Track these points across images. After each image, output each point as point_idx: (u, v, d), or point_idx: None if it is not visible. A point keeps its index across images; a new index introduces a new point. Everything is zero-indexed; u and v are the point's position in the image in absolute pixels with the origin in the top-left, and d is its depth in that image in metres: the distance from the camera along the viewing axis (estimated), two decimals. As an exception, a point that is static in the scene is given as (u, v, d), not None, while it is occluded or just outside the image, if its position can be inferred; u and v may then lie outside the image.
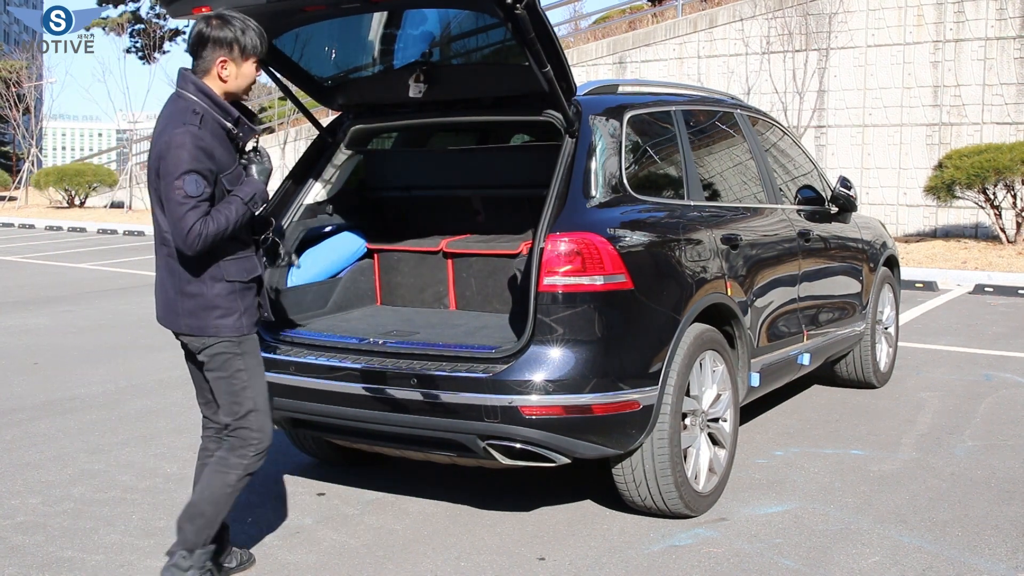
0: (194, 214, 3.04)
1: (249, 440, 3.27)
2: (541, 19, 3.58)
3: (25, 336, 8.31)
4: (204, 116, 3.12)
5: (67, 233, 21.13)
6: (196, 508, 3.27)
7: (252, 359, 3.29)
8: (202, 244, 3.06)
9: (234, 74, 3.20)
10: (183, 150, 3.04)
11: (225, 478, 3.26)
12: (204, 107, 3.14)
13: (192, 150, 3.05)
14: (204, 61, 3.18)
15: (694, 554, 3.69)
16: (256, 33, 3.23)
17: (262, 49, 3.25)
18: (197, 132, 3.07)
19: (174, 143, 3.06)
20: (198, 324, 3.22)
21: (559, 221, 3.67)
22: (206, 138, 3.08)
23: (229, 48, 3.17)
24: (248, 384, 3.27)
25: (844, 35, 15.58)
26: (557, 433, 3.60)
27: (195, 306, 3.20)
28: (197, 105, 3.14)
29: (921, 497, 4.27)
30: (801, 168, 5.87)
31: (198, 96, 3.16)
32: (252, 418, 3.27)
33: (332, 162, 4.66)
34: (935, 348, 7.59)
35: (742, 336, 4.41)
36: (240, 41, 3.18)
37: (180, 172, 3.03)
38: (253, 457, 3.28)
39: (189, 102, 3.14)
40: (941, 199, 13.30)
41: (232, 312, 3.22)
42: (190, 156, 3.04)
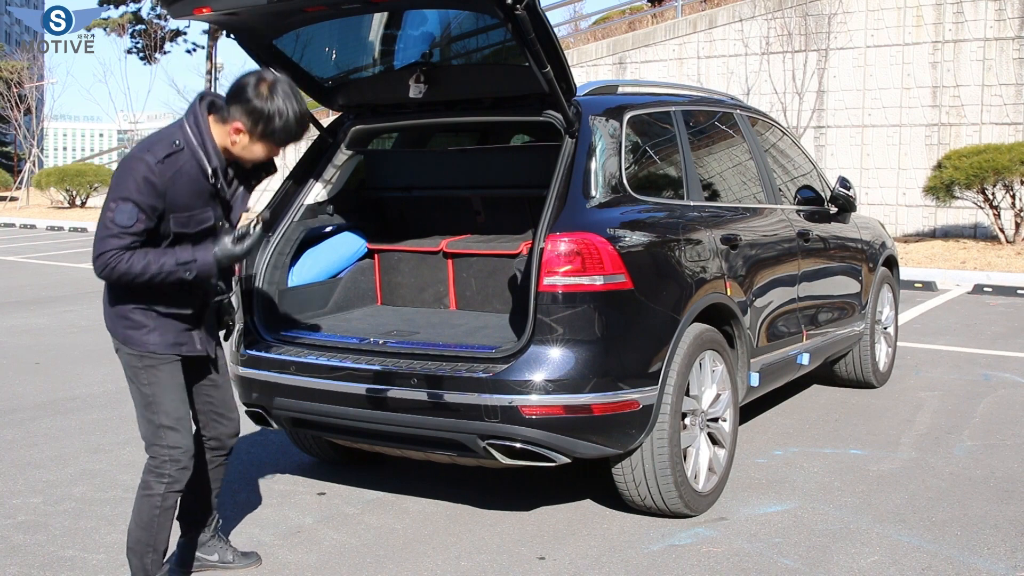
0: (113, 242, 2.88)
1: (162, 457, 3.11)
2: (541, 19, 3.59)
3: (26, 336, 8.32)
4: (183, 151, 2.95)
5: (68, 233, 21.13)
6: (132, 536, 3.16)
7: (158, 375, 3.11)
8: (107, 275, 2.92)
9: (242, 145, 3.02)
10: (131, 177, 2.89)
11: (151, 501, 3.12)
12: (191, 142, 2.97)
13: (140, 181, 2.88)
14: (227, 113, 2.99)
15: (694, 553, 3.70)
16: (294, 123, 2.97)
17: (287, 142, 3.02)
18: (154, 166, 2.89)
19: (128, 166, 2.92)
20: (111, 326, 3.14)
21: (559, 221, 3.68)
22: (163, 174, 2.90)
23: (252, 121, 2.96)
24: (154, 400, 3.11)
25: (843, 36, 15.59)
26: (557, 433, 3.61)
27: (112, 311, 3.10)
28: (184, 137, 2.97)
29: (920, 497, 4.28)
30: (800, 168, 5.88)
31: (193, 131, 2.99)
32: (163, 434, 3.11)
33: (333, 162, 4.67)
34: (934, 348, 7.60)
35: (742, 336, 4.42)
36: (270, 124, 2.95)
37: (119, 196, 2.89)
38: (170, 476, 3.11)
39: (179, 132, 2.98)
40: (940, 199, 13.31)
41: (140, 327, 3.07)
42: (135, 186, 2.87)
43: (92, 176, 26.91)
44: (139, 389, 3.14)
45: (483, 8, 3.83)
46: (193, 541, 3.50)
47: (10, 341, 8.08)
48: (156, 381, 3.12)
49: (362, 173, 4.96)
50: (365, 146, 4.84)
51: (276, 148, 3.06)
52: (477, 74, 4.38)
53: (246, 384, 4.13)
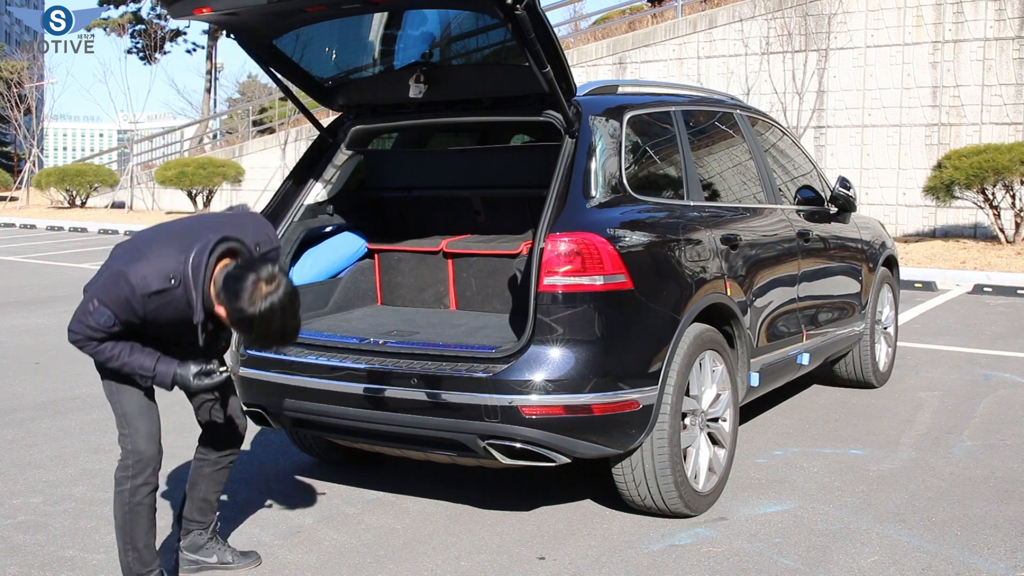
0: (88, 331, 2.99)
1: (127, 448, 3.16)
2: (541, 20, 3.59)
3: (26, 336, 8.32)
4: (177, 288, 2.94)
5: (68, 233, 21.14)
6: (116, 536, 3.20)
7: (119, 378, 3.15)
8: (78, 347, 3.04)
9: (219, 315, 2.96)
10: (116, 291, 2.93)
11: (121, 497, 3.15)
12: (188, 284, 2.94)
13: (122, 301, 2.93)
14: (217, 293, 2.92)
15: (694, 553, 3.70)
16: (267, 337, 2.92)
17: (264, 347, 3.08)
18: (140, 297, 2.92)
19: (116, 279, 2.94)
20: None
21: (559, 221, 3.68)
22: (147, 306, 2.94)
23: (233, 321, 2.90)
24: (116, 391, 3.17)
25: (843, 36, 15.59)
26: (557, 433, 3.61)
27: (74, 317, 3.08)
28: (183, 275, 2.94)
29: (920, 497, 4.28)
30: (800, 168, 5.88)
31: (194, 276, 2.93)
32: (123, 423, 3.17)
33: (333, 162, 4.67)
34: (934, 348, 7.60)
35: (742, 336, 4.42)
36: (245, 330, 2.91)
37: (101, 299, 2.94)
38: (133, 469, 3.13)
39: (181, 268, 2.94)
40: (940, 199, 13.31)
41: None
42: (117, 302, 2.93)
43: (92, 176, 26.93)
44: (105, 384, 3.22)
45: (483, 8, 3.83)
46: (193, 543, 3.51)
47: (10, 341, 8.08)
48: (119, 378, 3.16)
49: (362, 173, 4.96)
50: (365, 146, 4.84)
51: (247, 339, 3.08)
52: (477, 74, 4.38)
53: (246, 384, 4.13)
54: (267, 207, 4.53)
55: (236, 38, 4.12)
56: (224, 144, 29.53)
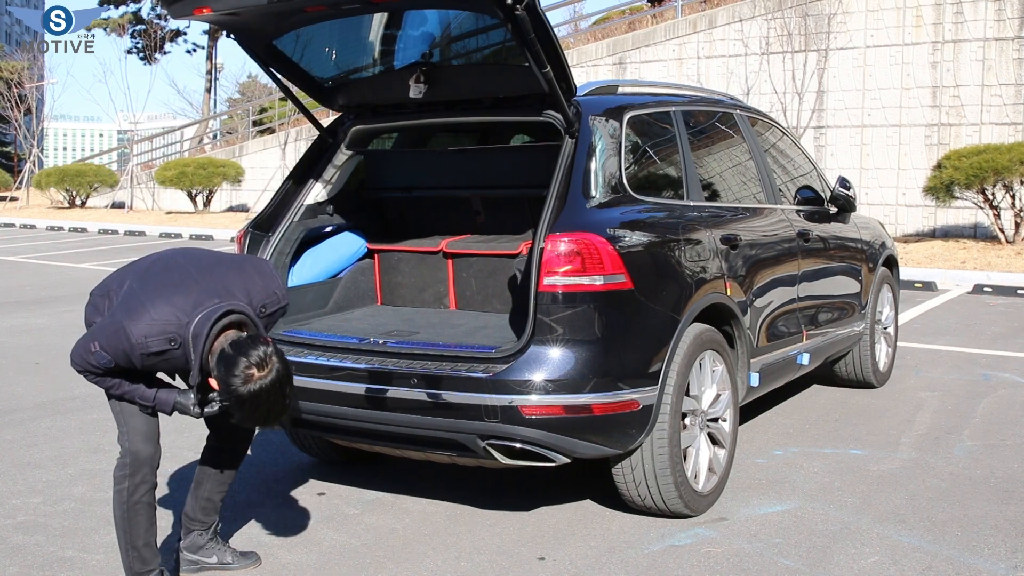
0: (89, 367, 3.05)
1: (123, 452, 3.18)
2: (541, 20, 3.59)
3: (26, 336, 8.32)
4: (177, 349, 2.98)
5: (68, 233, 21.14)
6: (116, 534, 3.21)
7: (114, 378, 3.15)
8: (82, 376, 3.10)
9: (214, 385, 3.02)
10: (117, 341, 2.96)
11: (119, 496, 3.17)
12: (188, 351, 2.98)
13: (123, 354, 2.97)
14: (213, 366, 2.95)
15: (694, 554, 3.70)
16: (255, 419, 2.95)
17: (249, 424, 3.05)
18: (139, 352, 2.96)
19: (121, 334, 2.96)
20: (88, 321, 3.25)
21: (559, 221, 3.68)
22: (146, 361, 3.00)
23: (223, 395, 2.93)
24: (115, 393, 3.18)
25: (843, 36, 15.59)
26: (557, 433, 3.61)
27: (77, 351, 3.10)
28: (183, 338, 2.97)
29: (920, 497, 4.28)
30: (800, 168, 5.88)
31: (192, 346, 2.97)
32: (121, 420, 3.19)
33: (332, 162, 4.67)
34: (934, 348, 7.60)
35: (741, 336, 4.42)
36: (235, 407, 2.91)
37: (102, 345, 2.98)
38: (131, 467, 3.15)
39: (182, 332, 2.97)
40: (940, 199, 13.30)
41: None
42: (117, 351, 2.97)
43: (92, 176, 26.92)
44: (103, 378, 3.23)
45: (483, 8, 3.83)
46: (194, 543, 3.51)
47: (10, 341, 8.08)
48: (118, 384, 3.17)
49: (362, 173, 4.96)
50: (365, 146, 4.84)
51: None
52: (477, 74, 4.38)
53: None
54: (267, 207, 4.53)
55: (236, 38, 4.12)
56: (224, 144, 29.53)
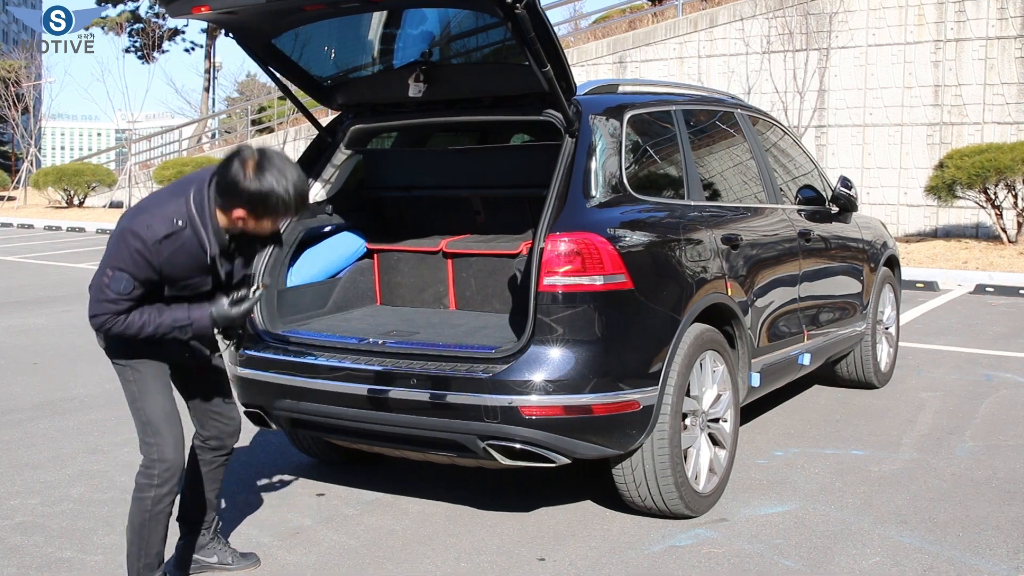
0: (109, 307, 2.92)
1: (152, 457, 3.09)
2: (541, 18, 3.57)
3: (24, 336, 8.30)
4: (184, 230, 2.92)
5: (66, 233, 21.12)
6: (128, 539, 3.15)
7: (142, 372, 3.11)
8: (103, 332, 2.98)
9: (251, 227, 2.96)
10: (126, 250, 2.88)
11: (142, 504, 3.09)
12: (194, 222, 2.93)
13: (135, 256, 2.88)
14: (225, 201, 2.92)
15: (694, 555, 3.68)
16: (291, 195, 2.88)
17: (293, 212, 2.96)
18: (151, 245, 2.88)
19: (124, 238, 2.90)
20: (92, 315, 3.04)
21: (559, 221, 3.66)
22: (161, 254, 2.90)
23: (252, 207, 2.90)
24: (139, 397, 3.11)
25: (845, 35, 15.57)
26: (557, 433, 3.59)
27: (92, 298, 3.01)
28: (187, 216, 2.92)
29: (922, 497, 4.27)
30: (801, 168, 5.86)
31: (198, 211, 2.94)
32: (148, 430, 3.10)
33: (332, 162, 4.66)
34: (936, 348, 7.58)
35: (742, 336, 4.41)
36: (268, 204, 2.88)
37: (114, 265, 2.90)
38: (159, 477, 3.07)
39: (183, 208, 2.93)
40: (942, 199, 13.29)
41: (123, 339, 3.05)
42: (130, 259, 2.88)
43: (90, 175, 26.92)
44: (127, 389, 3.15)
45: (483, 7, 3.82)
46: (192, 542, 3.49)
47: (8, 341, 8.06)
48: (141, 380, 3.11)
49: (361, 173, 4.95)
50: (364, 145, 4.83)
51: (280, 221, 3.00)
52: (477, 73, 4.36)
53: (245, 384, 4.12)
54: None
55: (235, 37, 4.10)
56: (223, 143, 29.54)
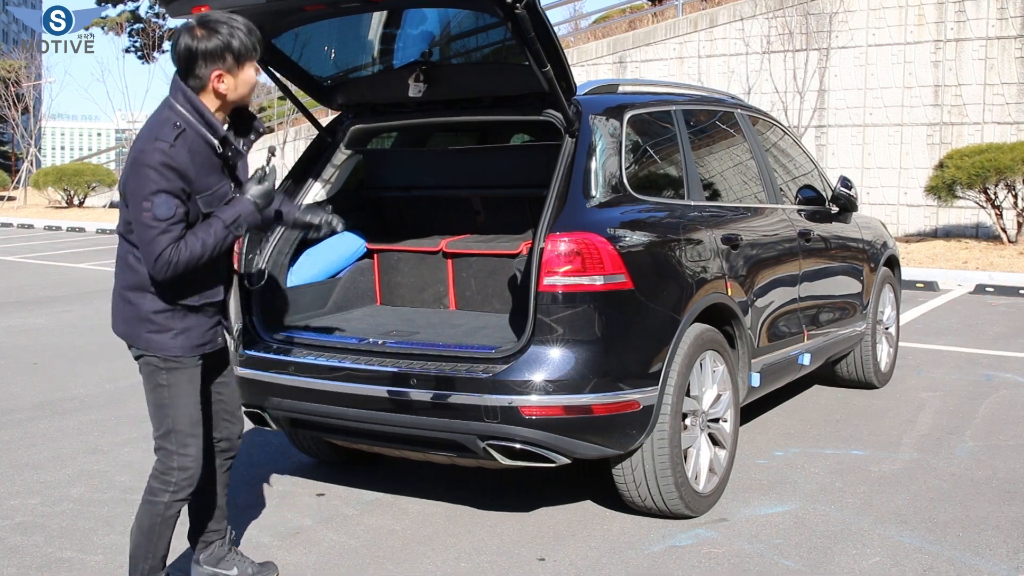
0: (165, 239, 2.82)
1: (170, 464, 3.04)
2: (541, 19, 3.57)
3: (24, 336, 8.30)
4: (186, 131, 2.89)
5: (66, 233, 21.12)
6: (134, 540, 3.09)
7: (178, 378, 3.04)
8: (172, 272, 2.85)
9: (232, 85, 2.95)
10: (151, 170, 2.81)
11: (154, 508, 3.05)
12: (190, 121, 2.91)
13: (161, 169, 2.81)
14: (198, 78, 2.92)
15: (694, 555, 3.68)
16: (246, 33, 2.93)
17: (258, 48, 2.99)
18: (168, 150, 2.83)
19: (142, 160, 2.83)
20: (132, 332, 3.03)
21: (559, 221, 3.66)
22: (180, 156, 2.85)
23: (222, 59, 2.91)
24: (169, 403, 3.04)
25: (845, 35, 15.57)
26: (557, 433, 3.59)
27: (130, 315, 3.01)
28: (181, 118, 2.90)
29: (922, 497, 4.27)
30: (801, 168, 5.86)
31: (186, 109, 2.92)
32: (172, 438, 3.04)
33: (332, 162, 4.66)
34: (936, 348, 7.58)
35: (742, 336, 4.41)
36: (233, 48, 2.91)
37: (148, 192, 2.80)
38: (176, 485, 3.04)
39: (174, 114, 2.91)
40: (942, 199, 13.29)
41: (166, 330, 3.00)
42: (159, 176, 2.81)
43: (90, 175, 26.92)
44: (156, 392, 3.06)
45: (483, 7, 3.81)
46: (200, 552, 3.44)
47: (8, 341, 8.06)
48: (176, 385, 3.04)
49: (361, 173, 4.95)
50: (364, 145, 4.83)
51: (254, 60, 2.98)
52: (477, 73, 4.36)
53: (245, 384, 4.11)
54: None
55: None
56: (223, 143, 29.44)
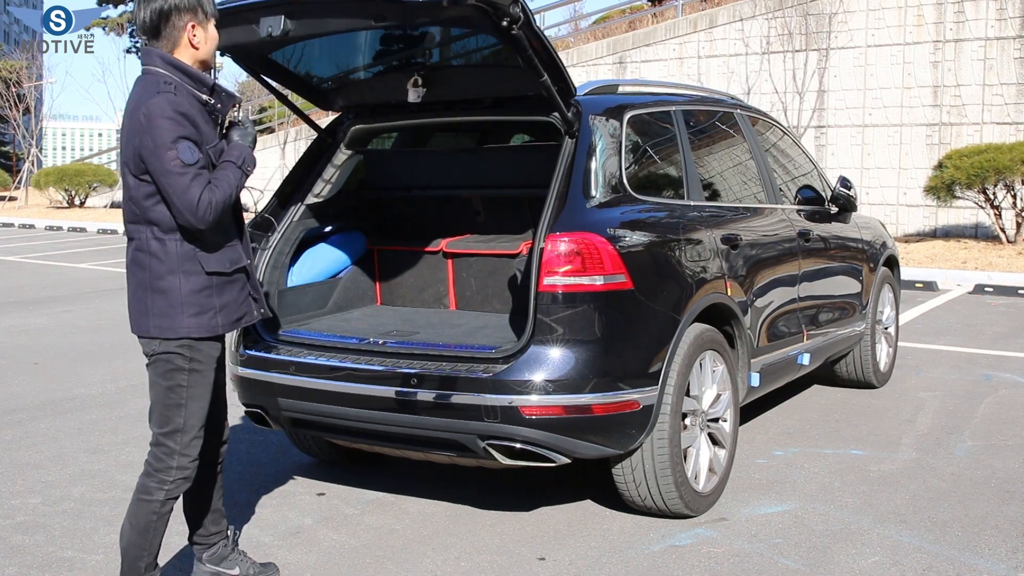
0: (199, 183, 2.84)
1: (169, 463, 3.02)
2: (537, 36, 3.59)
3: (25, 336, 8.31)
4: (177, 87, 2.92)
5: (67, 233, 21.13)
6: (126, 539, 3.06)
7: (198, 377, 3.04)
8: (213, 214, 2.87)
9: (203, 38, 3.00)
10: (165, 119, 2.83)
11: (149, 507, 3.02)
12: (176, 79, 2.94)
13: (175, 116, 2.84)
14: (171, 33, 2.96)
15: (694, 554, 3.69)
16: None
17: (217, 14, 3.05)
18: (175, 98, 2.86)
19: (154, 113, 2.84)
20: (169, 324, 2.97)
21: (559, 221, 3.67)
22: (184, 104, 2.88)
23: (194, 11, 2.97)
24: (185, 404, 3.03)
25: (844, 35, 15.58)
26: (557, 433, 3.60)
27: (163, 305, 2.96)
28: (167, 78, 2.93)
29: (921, 497, 4.27)
30: (801, 168, 5.87)
31: (167, 69, 2.94)
32: (177, 438, 3.02)
33: (332, 162, 4.66)
34: (935, 348, 7.59)
35: (742, 336, 4.41)
36: (203, 3, 2.98)
37: (170, 141, 2.82)
38: (173, 483, 3.03)
39: (159, 76, 2.93)
40: (941, 199, 13.30)
41: (207, 309, 2.99)
42: (172, 124, 2.83)
43: (91, 176, 26.90)
44: (172, 392, 3.03)
45: (480, 29, 3.81)
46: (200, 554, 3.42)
47: (9, 341, 8.07)
48: (194, 386, 3.03)
49: (362, 173, 4.95)
50: (365, 146, 4.83)
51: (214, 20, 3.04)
52: (476, 75, 4.37)
53: (245, 384, 4.12)
54: (266, 207, 4.52)
55: (231, 56, 4.11)
56: (224, 144, 29.43)
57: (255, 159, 3.11)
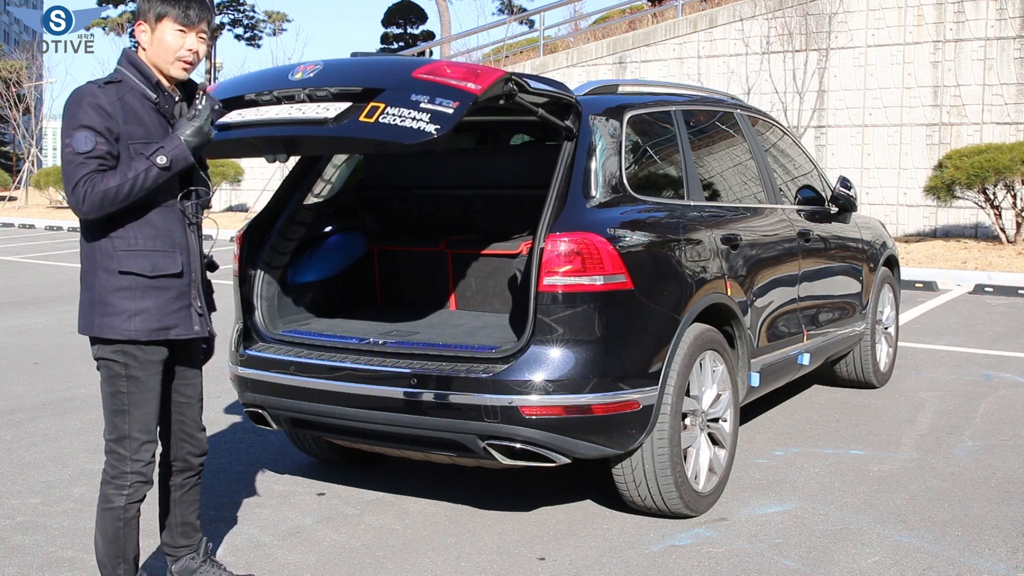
0: (80, 171, 2.79)
1: (123, 469, 2.96)
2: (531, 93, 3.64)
3: (25, 336, 8.31)
4: (122, 82, 2.94)
5: (67, 233, 21.13)
6: (100, 549, 3.01)
7: (138, 384, 2.94)
8: (89, 205, 2.79)
9: (148, 40, 2.96)
10: (77, 107, 2.85)
11: (113, 514, 2.96)
12: (126, 74, 2.96)
13: (85, 107, 2.84)
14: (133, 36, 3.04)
15: (694, 554, 3.69)
16: None
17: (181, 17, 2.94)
18: (95, 91, 2.88)
19: (68, 102, 2.90)
20: (85, 322, 2.93)
21: (559, 221, 3.67)
22: (109, 97, 2.87)
23: (144, 15, 2.97)
24: (127, 410, 2.94)
25: (844, 35, 15.59)
26: (557, 433, 3.60)
27: (85, 301, 2.94)
28: (119, 73, 2.97)
29: (921, 497, 4.27)
30: (801, 168, 5.87)
31: (123, 64, 2.99)
32: (126, 444, 2.95)
33: (332, 162, 4.67)
34: (935, 348, 7.59)
35: (742, 336, 4.41)
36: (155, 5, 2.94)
37: (70, 128, 2.84)
38: (132, 487, 2.96)
39: (118, 71, 2.99)
40: (941, 199, 13.30)
41: (119, 312, 2.88)
42: (83, 113, 2.83)
43: (92, 176, 26.85)
44: (115, 399, 2.96)
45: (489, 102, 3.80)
46: None
47: (9, 341, 8.07)
48: (135, 393, 2.95)
49: (362, 172, 4.95)
50: (365, 146, 4.83)
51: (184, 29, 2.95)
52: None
53: (245, 384, 4.13)
54: (266, 207, 4.52)
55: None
56: (224, 144, 29.45)
57: (186, 154, 2.91)
